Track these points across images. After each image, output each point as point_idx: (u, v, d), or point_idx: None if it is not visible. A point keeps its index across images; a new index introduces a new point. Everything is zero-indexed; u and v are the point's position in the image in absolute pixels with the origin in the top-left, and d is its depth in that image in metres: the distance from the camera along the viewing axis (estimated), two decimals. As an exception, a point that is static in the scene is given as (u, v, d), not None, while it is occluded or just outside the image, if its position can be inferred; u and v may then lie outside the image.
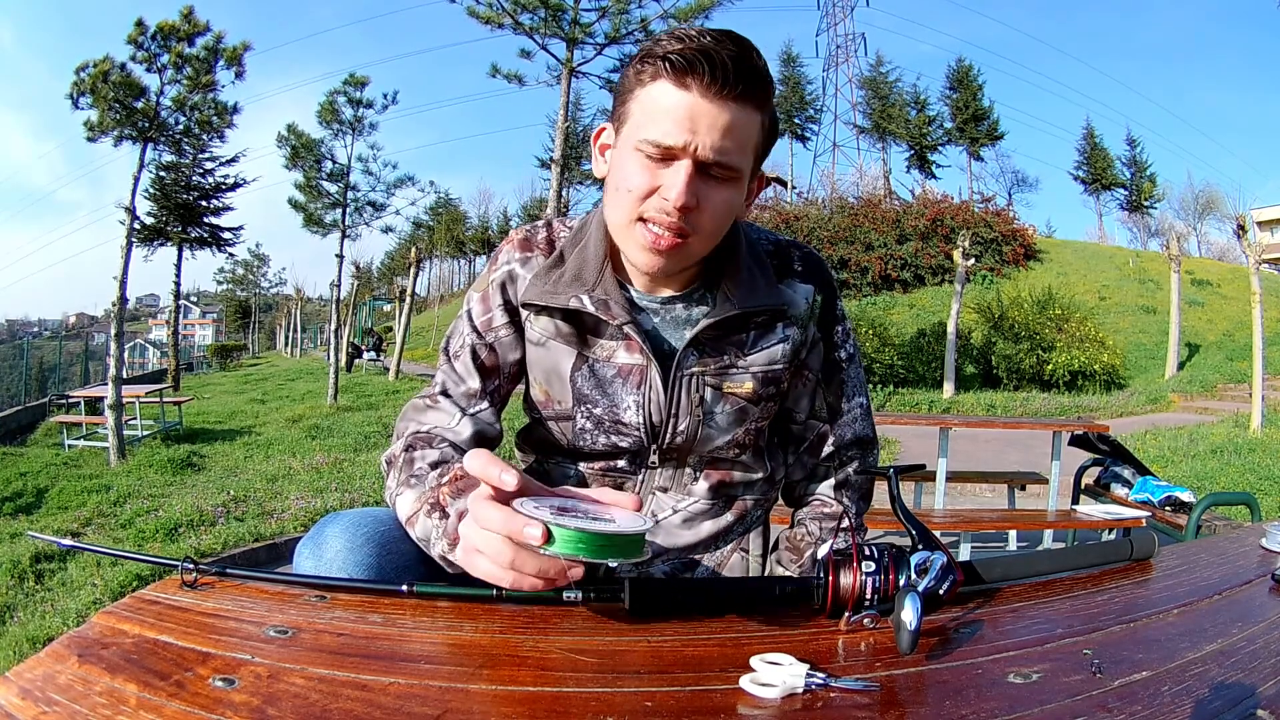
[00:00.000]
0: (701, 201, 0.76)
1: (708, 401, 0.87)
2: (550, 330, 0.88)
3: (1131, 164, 36.94)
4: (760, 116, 0.77)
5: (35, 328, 66.46)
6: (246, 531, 4.27)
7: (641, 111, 0.76)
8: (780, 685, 0.53)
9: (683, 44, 0.72)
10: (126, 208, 7.65)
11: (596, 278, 0.85)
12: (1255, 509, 3.28)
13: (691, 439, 0.88)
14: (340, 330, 13.04)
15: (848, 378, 0.96)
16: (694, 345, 0.85)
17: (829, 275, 0.95)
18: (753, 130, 0.77)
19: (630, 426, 0.87)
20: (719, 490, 0.92)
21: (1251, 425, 8.28)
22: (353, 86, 12.80)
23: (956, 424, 4.33)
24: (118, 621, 0.62)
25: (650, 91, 0.75)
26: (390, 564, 0.78)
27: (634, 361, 0.86)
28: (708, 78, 0.72)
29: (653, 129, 0.74)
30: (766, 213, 21.13)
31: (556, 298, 0.85)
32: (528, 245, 0.92)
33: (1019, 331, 12.98)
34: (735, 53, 0.72)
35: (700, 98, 0.72)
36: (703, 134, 0.73)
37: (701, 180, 0.75)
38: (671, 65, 0.72)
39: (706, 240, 0.80)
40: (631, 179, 0.76)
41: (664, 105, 0.74)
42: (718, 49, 0.72)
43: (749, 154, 0.78)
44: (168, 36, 8.08)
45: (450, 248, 47.76)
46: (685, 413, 0.87)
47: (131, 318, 49.92)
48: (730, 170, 0.76)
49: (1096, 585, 0.79)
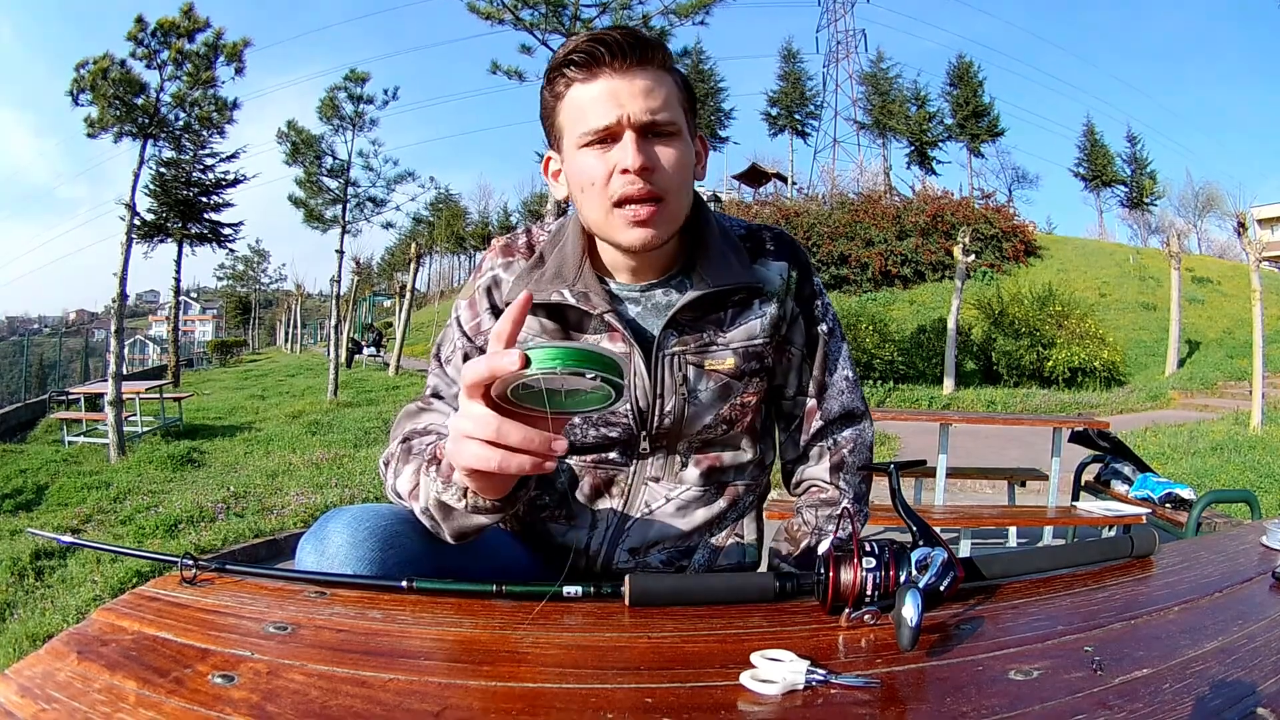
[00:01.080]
0: (657, 161, 0.81)
1: (690, 380, 0.89)
2: (535, 329, 0.90)
3: (1132, 161, 36.91)
4: (669, 76, 0.83)
5: (35, 324, 66.50)
6: (246, 528, 4.28)
7: (570, 117, 0.82)
8: (781, 682, 0.53)
9: (574, 45, 0.80)
10: (126, 204, 7.64)
11: (576, 273, 0.89)
12: (1255, 506, 3.28)
13: (679, 419, 0.90)
14: (340, 326, 13.03)
15: (830, 351, 0.98)
16: (673, 326, 0.88)
17: (802, 253, 0.99)
18: (669, 87, 0.82)
19: (618, 415, 0.89)
20: (710, 475, 0.94)
21: (1252, 422, 8.28)
22: (353, 82, 12.79)
23: (957, 420, 4.33)
24: (117, 618, 0.62)
25: (570, 98, 0.82)
26: (393, 558, 0.78)
27: (618, 350, 0.88)
28: (610, 58, 0.79)
29: (586, 122, 0.80)
30: (767, 208, 21.13)
31: (538, 295, 0.88)
32: (509, 251, 0.96)
33: (1019, 328, 12.97)
34: (623, 31, 0.79)
35: (612, 76, 0.79)
36: (628, 103, 0.79)
37: (648, 143, 0.81)
38: (576, 66, 0.80)
39: (677, 196, 0.84)
40: (589, 173, 0.81)
41: (587, 99, 0.80)
42: (607, 34, 0.79)
43: (677, 108, 0.83)
44: (168, 33, 8.07)
45: (451, 243, 47.73)
46: (670, 392, 0.89)
47: (132, 314, 49.94)
48: (668, 125, 0.81)
49: (1097, 582, 0.79)
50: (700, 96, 6.71)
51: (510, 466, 0.60)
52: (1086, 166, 36.92)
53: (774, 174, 33.38)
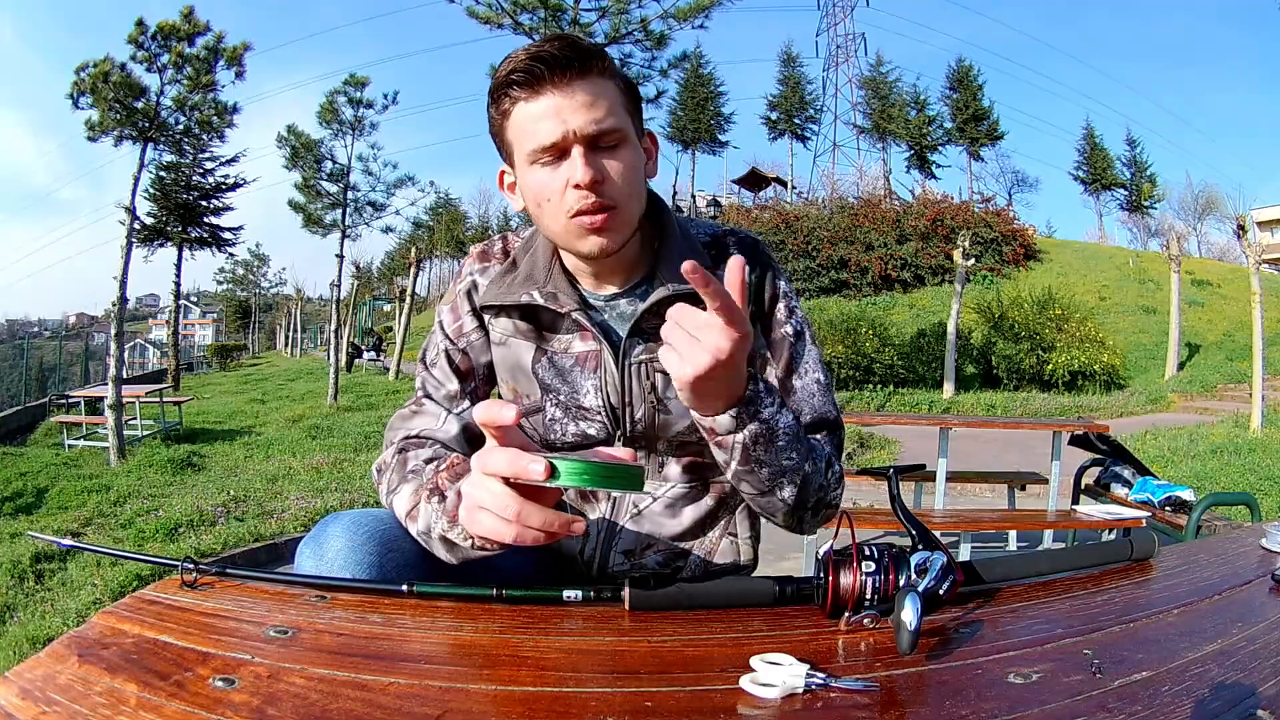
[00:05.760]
0: (605, 172, 0.82)
1: (659, 388, 0.90)
2: (509, 329, 0.94)
3: (1131, 164, 36.88)
4: (611, 81, 0.83)
5: (35, 327, 66.38)
6: (246, 531, 4.27)
7: (518, 135, 0.83)
8: (780, 685, 0.53)
9: (515, 63, 0.79)
10: (126, 207, 7.65)
11: (546, 275, 0.91)
12: (1255, 509, 3.27)
13: (650, 423, 0.91)
14: (340, 330, 13.03)
15: (797, 353, 0.95)
16: (637, 334, 0.90)
17: (767, 254, 0.98)
18: (610, 93, 0.82)
19: (592, 410, 0.91)
20: (693, 472, 0.95)
21: (1252, 425, 8.27)
22: (353, 87, 12.82)
23: (956, 424, 4.33)
24: (118, 621, 0.62)
25: (515, 116, 0.82)
26: (392, 561, 0.78)
27: (588, 348, 0.91)
28: (549, 74, 0.79)
29: (532, 140, 0.81)
30: (767, 212, 21.13)
31: (509, 296, 0.91)
32: (485, 256, 0.99)
33: (1019, 331, 12.96)
34: (562, 43, 0.80)
35: (553, 93, 0.79)
36: (572, 118, 0.79)
37: (596, 155, 0.81)
38: (519, 84, 0.80)
39: (630, 202, 0.85)
40: (542, 189, 0.83)
41: (530, 117, 0.81)
42: (546, 49, 0.79)
43: (621, 114, 0.83)
44: (168, 36, 8.09)
45: (450, 248, 47.71)
46: (639, 400, 0.90)
47: (131, 318, 49.86)
48: (613, 133, 0.82)
49: (1096, 585, 0.79)
50: (700, 101, 6.70)
51: (526, 540, 0.61)
52: (1086, 170, 36.90)
53: (774, 178, 33.38)
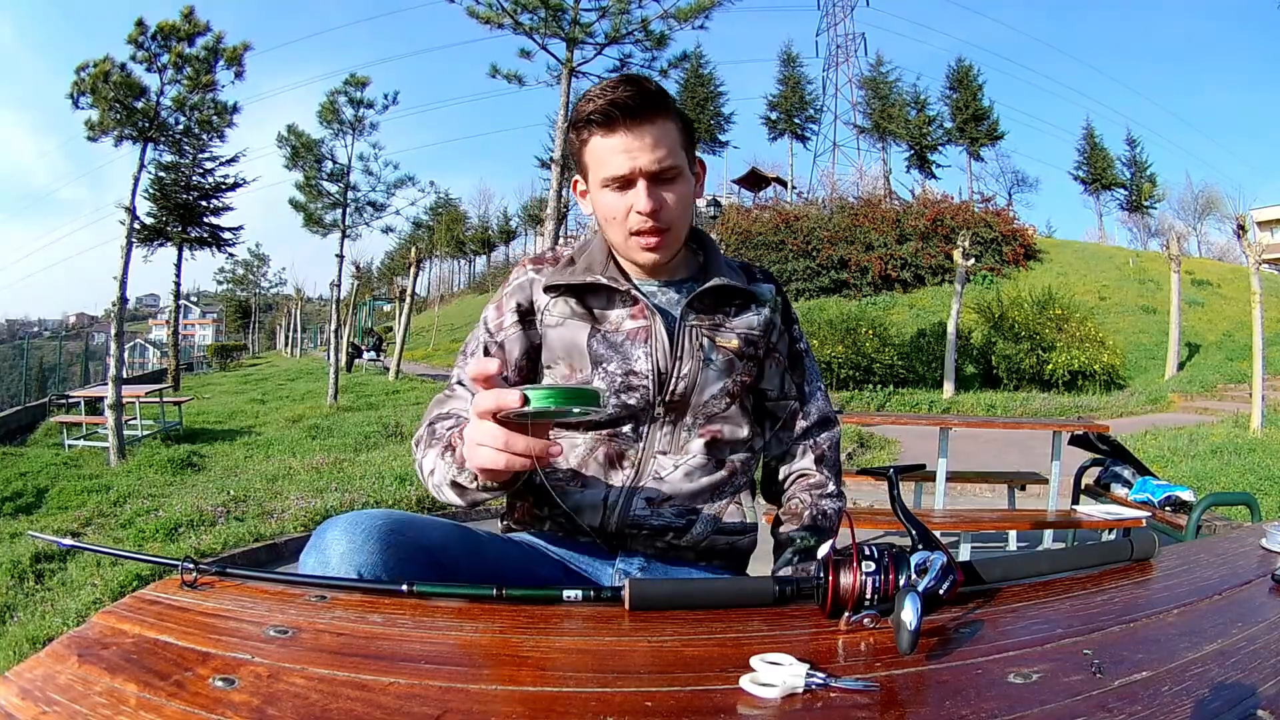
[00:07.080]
0: (664, 201, 0.99)
1: (705, 348, 1.05)
2: (566, 312, 1.06)
3: (1131, 164, 36.88)
4: (671, 121, 0.99)
5: (35, 327, 66.44)
6: (246, 531, 4.27)
7: (594, 161, 1.01)
8: (780, 685, 0.53)
9: (594, 104, 0.96)
10: (126, 207, 7.65)
11: (604, 267, 1.06)
12: (1255, 509, 3.28)
13: (692, 383, 1.04)
14: (340, 330, 13.04)
15: (807, 365, 1.18)
16: (691, 305, 1.06)
17: (780, 284, 1.19)
18: (672, 133, 0.99)
19: (640, 376, 1.03)
20: (712, 448, 1.06)
21: (1251, 425, 8.27)
22: (353, 86, 12.82)
23: (956, 424, 4.33)
24: (118, 621, 0.62)
25: (592, 147, 1.00)
26: (392, 560, 0.79)
27: (640, 324, 1.04)
28: (623, 118, 0.96)
29: (606, 170, 0.99)
30: (767, 212, 21.11)
31: (573, 278, 1.05)
32: (540, 261, 1.13)
33: (1019, 331, 12.96)
34: (633, 90, 0.95)
35: (625, 134, 0.96)
36: (639, 157, 0.97)
37: (657, 186, 0.99)
38: (597, 124, 0.97)
39: (680, 225, 1.03)
40: (611, 209, 1.01)
41: (606, 150, 0.98)
42: (620, 95, 0.95)
43: (679, 151, 1.01)
44: (168, 36, 8.09)
45: (450, 248, 47.77)
46: (689, 356, 1.04)
47: (131, 318, 49.84)
48: (672, 170, 0.99)
49: (1096, 585, 0.79)
50: (700, 101, 6.79)
51: (515, 466, 0.72)
52: (1086, 170, 36.90)
53: (774, 178, 33.38)
